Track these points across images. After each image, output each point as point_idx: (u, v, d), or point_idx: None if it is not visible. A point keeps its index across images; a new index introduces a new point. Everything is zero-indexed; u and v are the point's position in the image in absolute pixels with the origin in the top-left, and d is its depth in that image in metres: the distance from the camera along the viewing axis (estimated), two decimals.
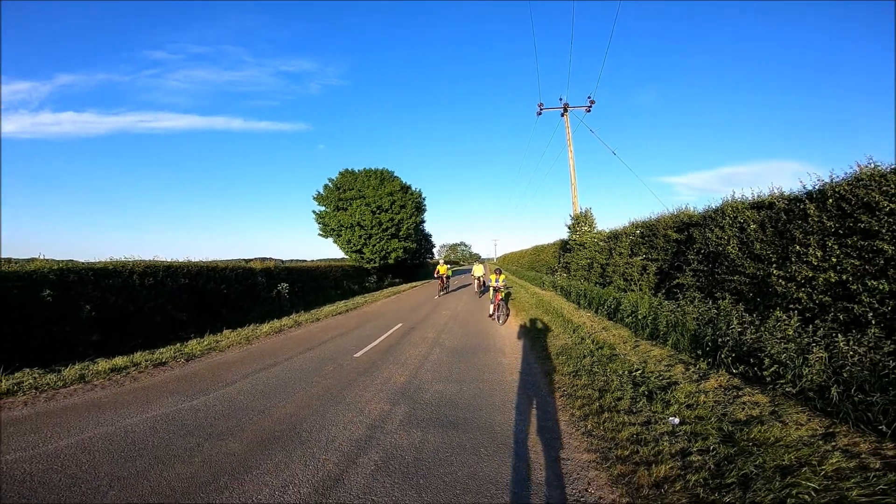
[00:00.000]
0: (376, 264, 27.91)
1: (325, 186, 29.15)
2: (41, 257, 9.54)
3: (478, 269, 19.92)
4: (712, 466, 3.03)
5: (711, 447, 3.29)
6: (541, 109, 16.31)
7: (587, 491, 2.95)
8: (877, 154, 6.50)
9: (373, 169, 29.30)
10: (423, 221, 32.33)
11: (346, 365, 6.61)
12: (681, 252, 8.64)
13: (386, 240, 27.64)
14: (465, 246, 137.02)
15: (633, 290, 10.58)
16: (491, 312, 11.74)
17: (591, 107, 15.50)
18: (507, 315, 11.79)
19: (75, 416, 4.53)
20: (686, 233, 8.49)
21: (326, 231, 28.28)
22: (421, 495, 2.88)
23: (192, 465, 3.32)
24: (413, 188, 30.57)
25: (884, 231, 4.31)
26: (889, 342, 3.94)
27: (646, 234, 10.46)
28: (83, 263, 9.55)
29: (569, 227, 17.19)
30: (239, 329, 10.36)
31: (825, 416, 3.73)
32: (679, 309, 7.20)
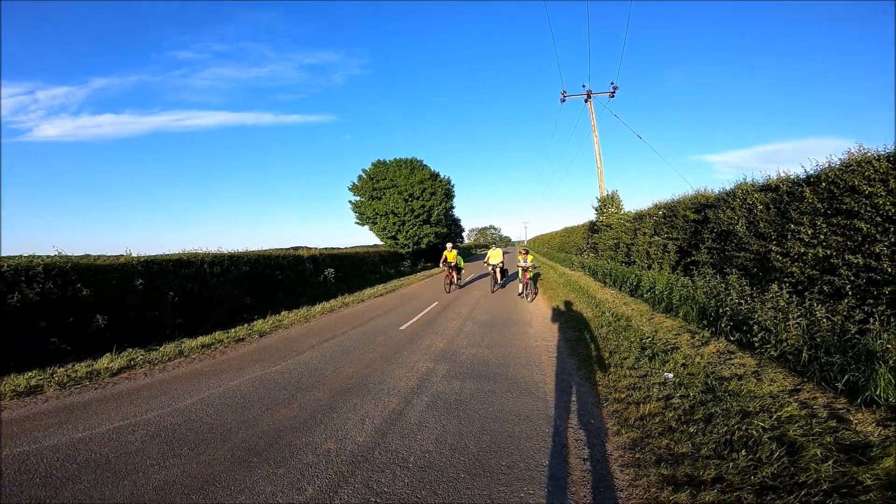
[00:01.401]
0: (410, 249, 29.21)
1: (360, 177, 30.51)
2: (128, 252, 11.11)
3: (494, 256, 14.14)
4: (687, 407, 3.87)
5: (692, 395, 4.12)
6: (564, 97, 16.75)
7: (589, 421, 3.88)
8: None
9: (403, 159, 30.36)
10: (452, 207, 33.26)
11: (393, 336, 7.75)
12: (697, 231, 9.19)
13: (418, 226, 28.82)
14: (495, 229, 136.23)
15: (654, 269, 11.18)
16: (520, 291, 12.62)
17: (614, 92, 15.83)
18: (536, 293, 12.63)
19: (188, 382, 5.72)
20: (702, 213, 9.02)
21: (363, 219, 29.76)
22: (461, 423, 3.90)
23: (292, 409, 4.46)
24: (442, 175, 31.49)
25: (862, 211, 4.89)
26: (859, 311, 4.58)
27: (667, 214, 10.98)
28: (164, 256, 11.06)
29: (595, 209, 17.70)
30: (294, 310, 11.72)
31: (797, 375, 4.44)
32: (692, 284, 7.87)
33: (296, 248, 17.92)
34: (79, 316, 8.48)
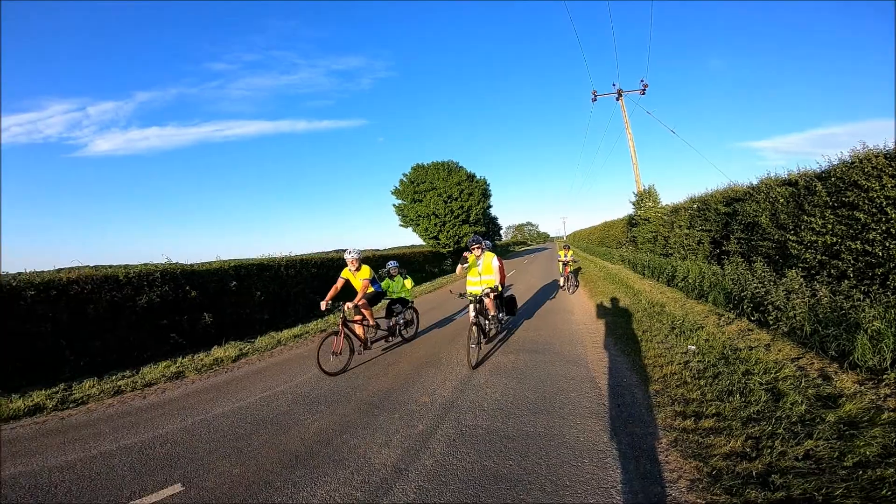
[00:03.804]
0: (451, 248, 30.58)
1: (401, 181, 32.22)
2: (217, 258, 12.91)
3: (480, 273, 6.59)
4: (701, 369, 4.87)
5: (707, 360, 5.09)
6: (595, 96, 17.47)
7: (622, 380, 4.95)
8: None
9: (440, 162, 31.86)
10: (489, 206, 34.36)
11: (451, 324, 9.05)
12: (728, 223, 9.88)
13: (458, 226, 30.14)
14: (532, 225, 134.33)
15: (690, 259, 11.85)
16: (561, 284, 13.62)
17: (644, 90, 16.39)
18: (577, 286, 13.56)
19: (298, 363, 6.97)
20: (732, 206, 9.71)
21: (406, 221, 31.43)
22: (519, 381, 5.10)
23: (388, 378, 5.70)
24: (478, 176, 32.81)
25: (861, 203, 5.65)
26: (856, 290, 5.37)
27: (701, 208, 11.63)
28: (248, 260, 12.85)
29: (633, 204, 18.28)
30: None
31: (802, 346, 5.25)
32: (720, 272, 8.65)
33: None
34: (190, 314, 10.20)
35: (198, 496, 3.20)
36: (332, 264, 15.62)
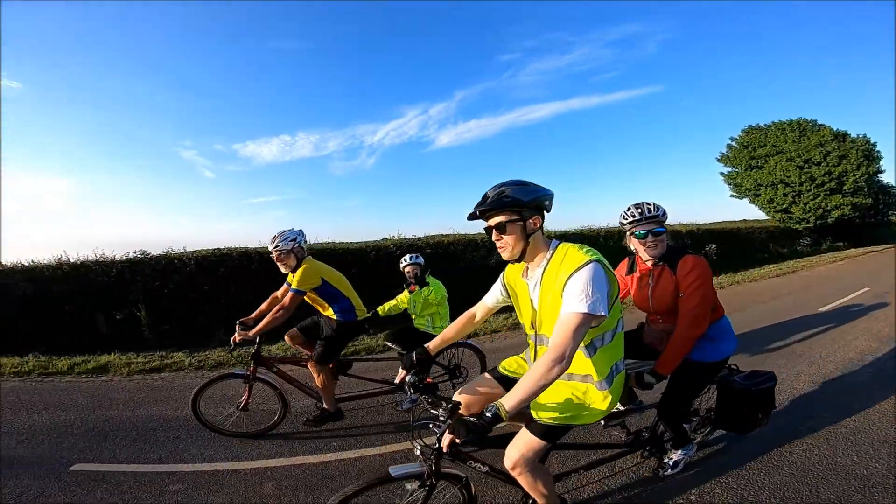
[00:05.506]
0: (809, 224, 24.07)
1: (729, 146, 27.72)
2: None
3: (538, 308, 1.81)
4: None
5: None
6: None
7: None
8: None
9: (785, 121, 25.45)
10: (878, 171, 24.59)
11: (812, 317, 7.56)
12: None
13: (822, 196, 23.27)
14: None
15: None
16: None
17: None
18: None
19: None
20: None
21: (740, 191, 26.85)
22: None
23: None
24: (853, 135, 24.01)
25: None
26: None
27: None
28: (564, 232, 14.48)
29: None
30: None
31: None
32: None
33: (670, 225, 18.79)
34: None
35: None
36: None
